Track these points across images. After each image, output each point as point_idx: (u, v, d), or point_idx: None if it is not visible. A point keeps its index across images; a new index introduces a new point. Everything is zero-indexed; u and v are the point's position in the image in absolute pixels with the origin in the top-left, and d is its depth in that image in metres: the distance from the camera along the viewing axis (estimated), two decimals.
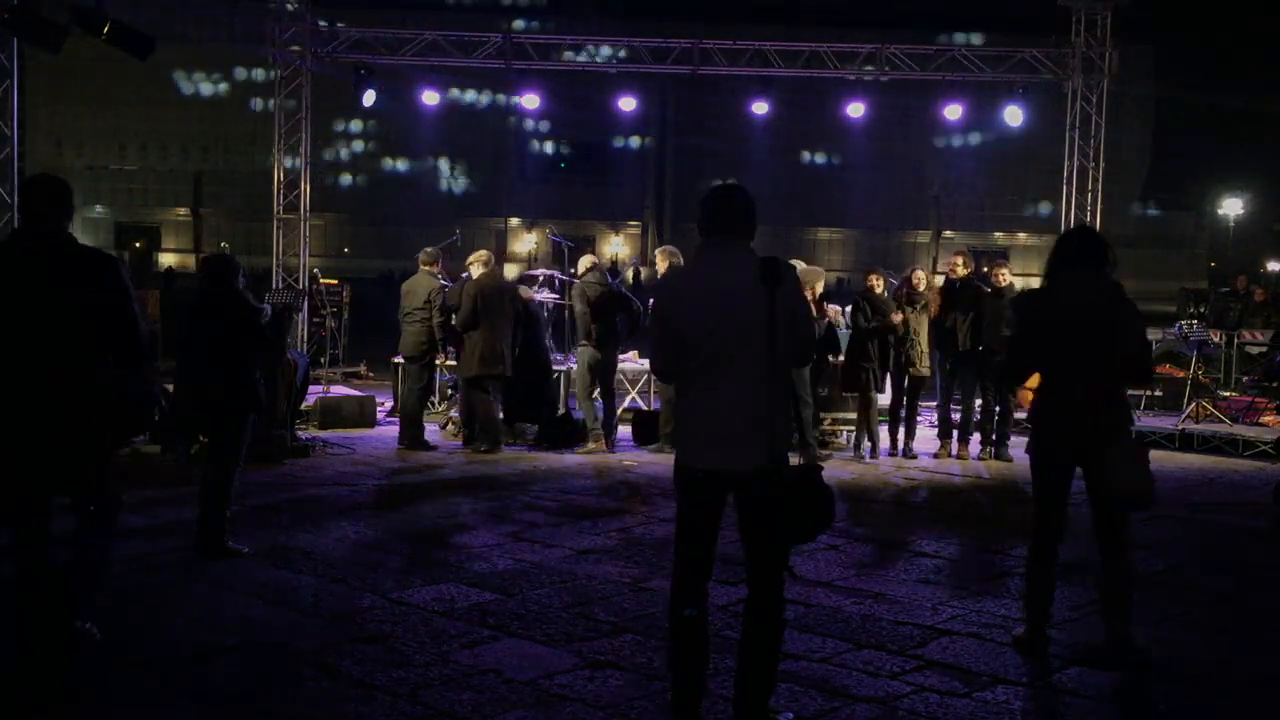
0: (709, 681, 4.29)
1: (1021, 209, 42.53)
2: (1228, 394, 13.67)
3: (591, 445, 10.90)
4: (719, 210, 4.19)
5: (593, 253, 14.52)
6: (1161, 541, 8.07)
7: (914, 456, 11.05)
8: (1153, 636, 5.61)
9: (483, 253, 11.24)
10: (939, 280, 12.14)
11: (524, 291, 11.83)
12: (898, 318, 10.85)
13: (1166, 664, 5.17)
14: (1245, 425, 12.24)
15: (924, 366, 11.08)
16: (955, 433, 11.26)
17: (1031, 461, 5.30)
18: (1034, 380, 5.53)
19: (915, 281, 11.33)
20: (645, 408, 13.07)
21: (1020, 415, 10.84)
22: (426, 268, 11.31)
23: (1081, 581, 6.68)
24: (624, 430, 12.21)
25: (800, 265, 10.95)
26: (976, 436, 11.27)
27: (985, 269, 11.95)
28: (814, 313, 10.98)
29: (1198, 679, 5.05)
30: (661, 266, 10.70)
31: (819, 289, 11.19)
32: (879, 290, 11.21)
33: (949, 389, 11.39)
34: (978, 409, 11.23)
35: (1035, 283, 11.24)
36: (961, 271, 11.21)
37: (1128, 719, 4.63)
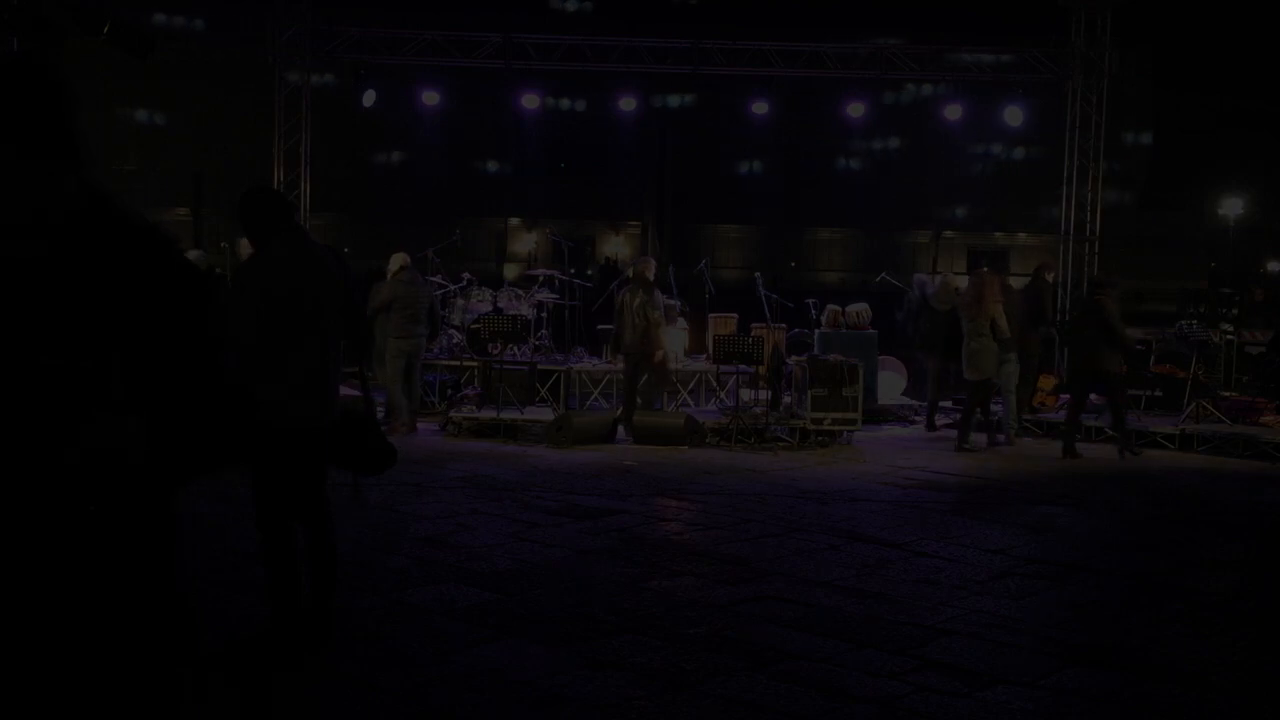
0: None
1: (1021, 209, 42.54)
2: (1228, 394, 13.67)
3: (401, 430, 11.37)
4: (290, 208, 5.18)
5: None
6: (1160, 541, 8.08)
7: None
8: (1153, 637, 5.62)
9: (193, 251, 12.40)
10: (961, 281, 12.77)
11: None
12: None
13: (1167, 664, 5.18)
14: (1245, 425, 12.24)
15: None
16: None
17: None
18: (1048, 382, 5.49)
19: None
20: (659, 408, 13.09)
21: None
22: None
23: (1082, 581, 6.69)
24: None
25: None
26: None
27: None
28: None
29: (1195, 678, 5.05)
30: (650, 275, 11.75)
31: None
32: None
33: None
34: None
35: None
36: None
37: (1128, 719, 4.63)
